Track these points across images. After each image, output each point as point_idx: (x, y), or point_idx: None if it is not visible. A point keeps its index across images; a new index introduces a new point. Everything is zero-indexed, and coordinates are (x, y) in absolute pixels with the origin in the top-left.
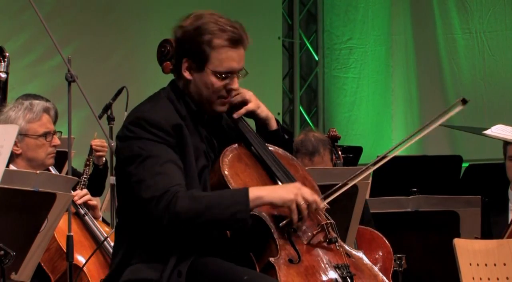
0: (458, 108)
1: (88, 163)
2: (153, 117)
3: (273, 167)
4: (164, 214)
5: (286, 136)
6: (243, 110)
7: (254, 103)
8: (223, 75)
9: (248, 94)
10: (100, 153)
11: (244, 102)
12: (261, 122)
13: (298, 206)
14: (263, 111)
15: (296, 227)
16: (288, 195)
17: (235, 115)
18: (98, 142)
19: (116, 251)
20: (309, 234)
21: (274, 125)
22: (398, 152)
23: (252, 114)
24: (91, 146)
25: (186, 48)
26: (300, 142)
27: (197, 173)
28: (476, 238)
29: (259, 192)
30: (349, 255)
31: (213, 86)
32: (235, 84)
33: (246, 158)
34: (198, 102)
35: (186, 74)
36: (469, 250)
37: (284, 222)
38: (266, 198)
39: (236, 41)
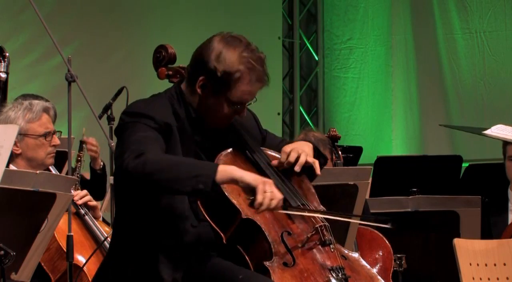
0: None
1: (79, 158)
2: (147, 109)
3: (267, 170)
4: (131, 163)
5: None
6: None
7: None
8: (236, 105)
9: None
10: (92, 153)
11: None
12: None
13: (264, 191)
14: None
15: (292, 227)
16: (259, 178)
17: (297, 169)
18: (90, 140)
19: (112, 250)
20: (304, 236)
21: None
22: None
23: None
24: (81, 141)
25: (209, 69)
26: None
27: None
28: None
29: (231, 167)
30: (344, 257)
31: (223, 111)
32: (244, 113)
33: (241, 162)
34: (199, 113)
35: (199, 91)
36: (469, 250)
37: (249, 199)
38: (236, 172)
39: (260, 80)
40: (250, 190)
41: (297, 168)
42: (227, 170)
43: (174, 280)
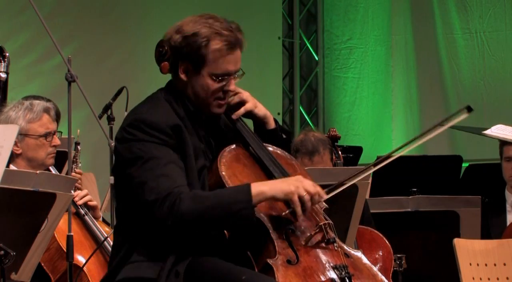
0: (463, 116)
1: (74, 159)
2: (151, 119)
3: (271, 167)
4: (169, 215)
5: (284, 136)
6: (242, 110)
7: (252, 103)
8: (220, 78)
9: (245, 94)
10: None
11: (242, 103)
12: (259, 122)
13: (300, 198)
14: (261, 110)
15: (295, 225)
16: (289, 187)
17: (234, 116)
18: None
19: (115, 251)
20: (307, 234)
21: (272, 125)
22: (402, 153)
23: (250, 114)
24: (75, 143)
25: (182, 52)
26: (300, 142)
27: (197, 171)
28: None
29: (261, 187)
30: (347, 255)
31: (210, 89)
32: (232, 85)
33: (244, 158)
34: (195, 104)
35: (183, 77)
36: (469, 250)
37: (287, 211)
38: (268, 192)
39: (232, 44)
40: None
41: (233, 116)
42: (259, 194)
43: (176, 272)
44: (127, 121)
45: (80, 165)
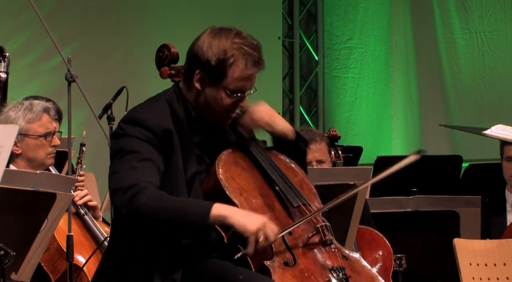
0: (413, 158)
1: (79, 161)
2: (144, 117)
3: (269, 170)
4: (126, 205)
5: (303, 147)
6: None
7: (267, 119)
8: (234, 94)
9: (261, 110)
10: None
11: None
12: (280, 137)
13: (256, 239)
14: (279, 125)
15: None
16: (251, 226)
17: (232, 114)
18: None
19: (108, 251)
20: (305, 236)
21: (291, 137)
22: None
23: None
24: (80, 144)
25: (203, 61)
26: None
27: (185, 180)
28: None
29: (225, 211)
30: (345, 257)
31: (223, 102)
32: (244, 102)
33: (242, 161)
34: (200, 111)
35: (197, 85)
36: (469, 250)
37: (239, 255)
38: (229, 219)
39: (254, 65)
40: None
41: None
42: (219, 216)
43: (173, 281)
44: (122, 118)
45: (84, 166)
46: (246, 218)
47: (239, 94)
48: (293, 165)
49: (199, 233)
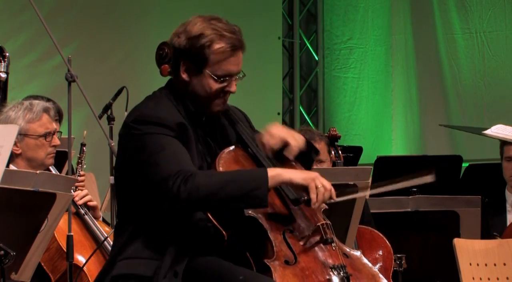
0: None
1: (79, 160)
2: (157, 114)
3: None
4: (182, 189)
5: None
6: (295, 150)
7: (293, 143)
8: (221, 78)
9: (282, 132)
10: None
11: (285, 144)
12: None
13: (316, 187)
14: (296, 145)
15: (294, 225)
16: (308, 175)
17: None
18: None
19: (114, 247)
20: (306, 234)
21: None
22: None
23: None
24: (81, 144)
25: (184, 52)
26: None
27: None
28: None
29: (278, 170)
30: (346, 255)
31: (211, 89)
32: (233, 87)
33: (243, 160)
34: (196, 104)
35: (184, 76)
36: (469, 250)
37: (303, 198)
38: (285, 175)
39: (234, 46)
40: (302, 188)
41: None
42: (275, 176)
43: (175, 273)
44: (131, 118)
45: (84, 166)
46: (300, 171)
47: (226, 78)
48: (293, 163)
49: (261, 199)
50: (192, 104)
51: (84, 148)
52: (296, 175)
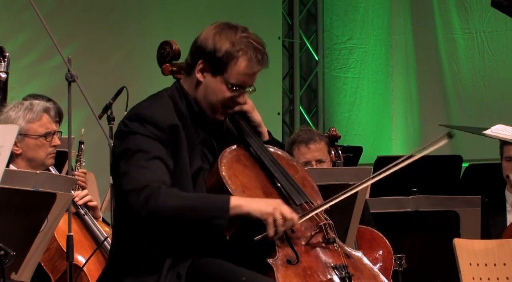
0: (444, 141)
1: (78, 159)
2: (149, 113)
3: (271, 167)
4: (144, 206)
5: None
6: (237, 108)
7: (250, 105)
8: (234, 88)
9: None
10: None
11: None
12: (253, 127)
13: (274, 221)
14: (257, 115)
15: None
16: (267, 208)
17: (229, 110)
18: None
19: (113, 250)
20: (308, 234)
21: (266, 136)
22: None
23: (245, 116)
24: (79, 142)
25: (211, 53)
26: (295, 134)
27: (190, 174)
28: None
29: (240, 201)
30: (348, 255)
31: (222, 95)
32: (243, 99)
33: (245, 159)
34: (201, 106)
35: (199, 76)
36: (469, 250)
37: (260, 236)
38: (244, 207)
39: (259, 63)
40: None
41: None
42: (236, 207)
43: (178, 274)
44: (127, 115)
45: (83, 164)
46: (261, 202)
47: (238, 89)
48: (294, 162)
49: (220, 227)
50: (197, 105)
51: (82, 146)
52: (255, 207)
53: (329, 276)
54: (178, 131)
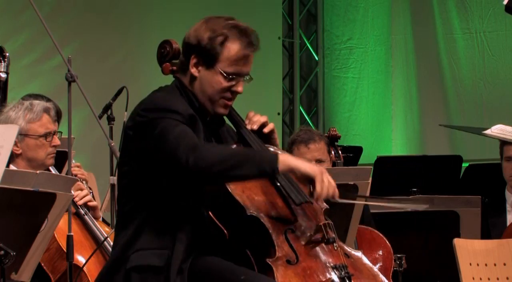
0: (424, 207)
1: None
2: (168, 103)
3: None
4: (189, 155)
5: None
6: (271, 125)
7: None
8: (230, 76)
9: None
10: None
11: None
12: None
13: (322, 180)
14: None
15: (295, 225)
16: (316, 167)
17: (266, 130)
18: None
19: (119, 241)
20: (307, 234)
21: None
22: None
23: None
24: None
25: (197, 45)
26: (295, 134)
27: None
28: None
29: (287, 156)
30: (347, 255)
31: (219, 86)
32: (240, 87)
33: None
34: (201, 101)
35: (193, 71)
36: (469, 250)
37: (309, 188)
38: (294, 162)
39: (248, 45)
40: (307, 179)
41: (266, 130)
42: (285, 160)
43: (180, 270)
44: (141, 107)
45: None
46: (308, 163)
47: (235, 77)
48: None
49: (268, 174)
50: (197, 100)
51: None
52: (303, 165)
53: (328, 276)
54: (196, 121)
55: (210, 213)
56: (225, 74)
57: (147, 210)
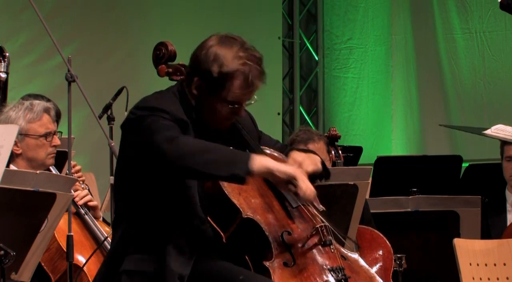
0: None
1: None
2: (158, 105)
3: None
4: (165, 145)
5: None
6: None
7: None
8: (231, 104)
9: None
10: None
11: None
12: None
13: (297, 182)
14: (309, 166)
15: (292, 227)
16: (293, 168)
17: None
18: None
19: (115, 241)
20: (304, 236)
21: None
22: None
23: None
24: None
25: (204, 72)
26: (294, 134)
27: None
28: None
29: (265, 158)
30: (344, 257)
31: (220, 113)
32: (241, 113)
33: None
34: (201, 116)
35: (194, 92)
36: (469, 250)
37: (289, 197)
38: (270, 163)
39: (257, 79)
40: (286, 182)
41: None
42: (262, 160)
43: (180, 277)
44: (135, 106)
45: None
46: (285, 165)
47: (236, 105)
48: None
49: (240, 177)
50: (195, 113)
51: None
52: (282, 166)
53: (325, 278)
54: (187, 128)
55: (206, 216)
56: (226, 104)
57: (139, 212)
